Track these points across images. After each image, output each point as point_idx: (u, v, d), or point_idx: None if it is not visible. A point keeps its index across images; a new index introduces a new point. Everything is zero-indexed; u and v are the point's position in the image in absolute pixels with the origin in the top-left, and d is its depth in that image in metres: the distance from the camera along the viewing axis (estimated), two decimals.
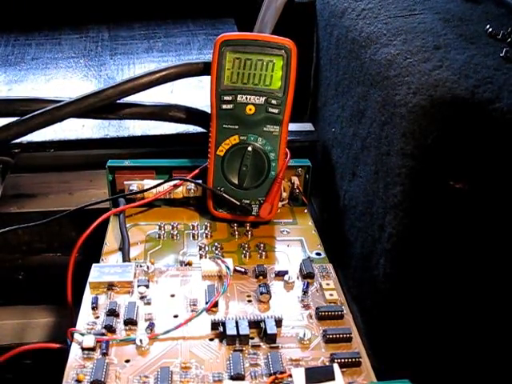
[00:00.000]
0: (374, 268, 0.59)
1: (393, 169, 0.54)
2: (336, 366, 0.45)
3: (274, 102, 0.60)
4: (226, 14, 1.12)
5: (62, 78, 0.91)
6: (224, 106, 0.61)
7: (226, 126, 0.62)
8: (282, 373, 0.45)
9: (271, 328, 0.49)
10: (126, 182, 0.64)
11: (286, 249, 0.61)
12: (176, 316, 0.51)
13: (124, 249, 0.58)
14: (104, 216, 0.61)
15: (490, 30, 0.56)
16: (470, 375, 0.54)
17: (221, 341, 0.49)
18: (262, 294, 0.53)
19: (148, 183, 0.64)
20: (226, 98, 0.61)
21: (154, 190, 0.64)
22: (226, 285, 0.52)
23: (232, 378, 0.45)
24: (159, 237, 0.62)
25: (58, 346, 0.52)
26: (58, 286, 0.57)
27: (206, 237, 0.62)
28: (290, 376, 0.44)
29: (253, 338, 0.49)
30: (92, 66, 0.95)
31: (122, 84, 0.66)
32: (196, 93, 0.83)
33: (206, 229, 0.63)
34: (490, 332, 0.53)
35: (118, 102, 0.68)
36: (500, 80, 0.49)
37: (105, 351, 0.47)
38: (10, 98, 0.70)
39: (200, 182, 0.64)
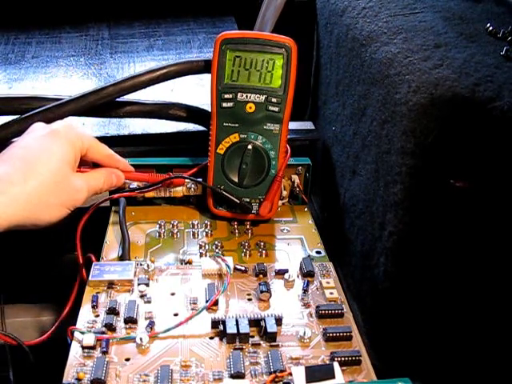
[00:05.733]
0: (375, 266, 0.59)
1: (393, 167, 0.54)
2: (336, 365, 0.45)
3: (274, 100, 0.60)
4: (226, 13, 1.12)
5: (62, 77, 0.91)
6: (224, 105, 0.61)
7: (227, 124, 0.62)
8: (282, 371, 0.45)
9: (271, 326, 0.49)
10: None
11: (286, 247, 0.61)
12: (176, 314, 0.51)
13: (124, 247, 0.58)
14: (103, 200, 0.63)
15: (491, 28, 0.56)
16: (469, 373, 0.54)
17: (221, 339, 0.49)
18: (262, 292, 0.53)
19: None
20: (227, 96, 0.61)
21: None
22: (227, 283, 0.52)
23: (232, 376, 0.45)
24: (159, 235, 0.62)
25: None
26: (62, 284, 0.57)
27: (207, 235, 0.62)
28: (290, 374, 0.45)
29: (253, 337, 0.49)
30: (92, 64, 0.95)
31: (122, 82, 0.66)
32: (196, 91, 0.83)
33: (206, 227, 0.63)
34: (490, 330, 0.53)
35: (118, 100, 0.68)
36: (500, 78, 0.49)
37: (105, 349, 0.47)
38: (11, 96, 0.70)
39: (200, 180, 0.64)
